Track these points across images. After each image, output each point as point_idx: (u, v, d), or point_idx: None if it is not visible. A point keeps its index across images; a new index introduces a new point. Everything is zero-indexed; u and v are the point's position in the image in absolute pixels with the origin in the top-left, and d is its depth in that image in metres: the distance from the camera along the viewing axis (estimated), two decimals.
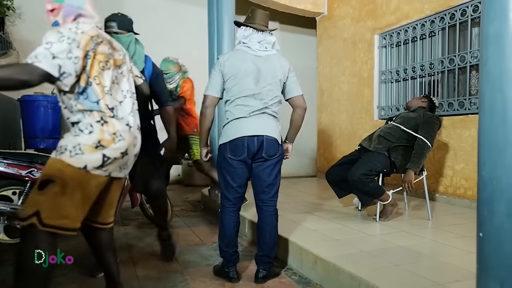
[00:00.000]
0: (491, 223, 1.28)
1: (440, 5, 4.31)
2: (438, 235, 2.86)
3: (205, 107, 2.26)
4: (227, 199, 2.34)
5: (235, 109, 2.24)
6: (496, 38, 1.26)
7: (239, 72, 2.22)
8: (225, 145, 2.23)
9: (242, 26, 2.34)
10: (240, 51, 2.30)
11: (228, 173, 2.28)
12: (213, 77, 2.28)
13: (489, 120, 1.29)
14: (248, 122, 2.22)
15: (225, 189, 2.32)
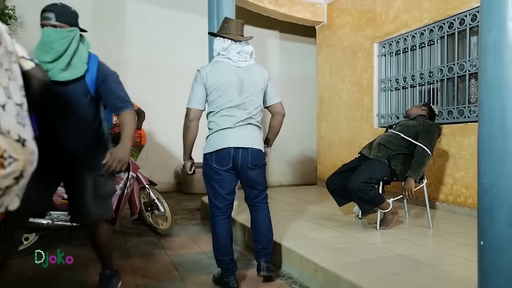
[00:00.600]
0: (492, 231, 1.28)
1: (438, 14, 4.34)
2: (439, 243, 2.84)
3: (189, 121, 2.27)
4: (216, 208, 2.35)
5: (220, 119, 2.27)
6: (494, 47, 1.27)
7: (223, 84, 2.26)
8: (210, 155, 2.27)
9: (218, 37, 2.37)
10: (221, 63, 2.33)
11: (215, 182, 2.30)
12: (196, 90, 2.29)
13: (489, 128, 1.30)
14: (233, 133, 2.26)
15: (214, 198, 2.33)
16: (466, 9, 4.02)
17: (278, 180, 6.97)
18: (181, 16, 6.34)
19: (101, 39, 5.80)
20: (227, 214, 2.37)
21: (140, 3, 6.09)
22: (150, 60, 6.15)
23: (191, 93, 2.30)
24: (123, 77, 6.40)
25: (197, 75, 2.30)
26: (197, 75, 2.30)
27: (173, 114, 6.37)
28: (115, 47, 5.92)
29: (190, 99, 2.29)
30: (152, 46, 6.16)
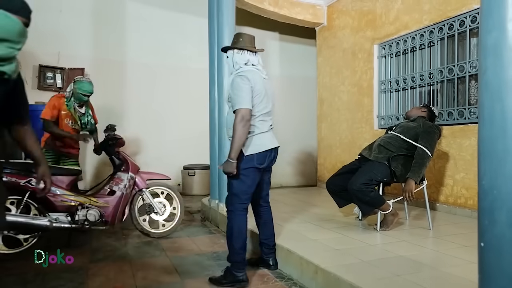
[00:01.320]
0: (492, 232, 1.28)
1: (438, 16, 4.35)
2: (439, 245, 2.84)
3: (247, 120, 2.33)
4: (241, 204, 2.47)
5: (259, 123, 2.45)
6: (494, 48, 1.26)
7: (261, 91, 2.43)
8: (252, 156, 2.41)
9: (238, 50, 2.52)
10: (255, 72, 2.48)
11: (251, 180, 2.46)
12: (248, 91, 2.35)
13: (489, 129, 1.30)
14: (269, 136, 2.52)
15: (242, 194, 2.46)
16: (466, 11, 4.02)
17: (278, 182, 6.96)
18: (181, 17, 6.35)
19: (101, 39, 5.81)
20: (247, 209, 2.52)
21: (140, 4, 6.10)
22: (149, 60, 6.15)
23: (244, 95, 2.34)
24: (123, 78, 6.43)
25: (243, 79, 2.38)
26: (243, 79, 2.38)
27: (172, 114, 6.38)
28: (115, 47, 5.93)
29: (245, 100, 2.33)
30: (152, 47, 6.17)
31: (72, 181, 3.35)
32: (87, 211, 3.23)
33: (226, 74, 4.14)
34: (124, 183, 3.47)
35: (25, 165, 3.07)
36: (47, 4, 5.44)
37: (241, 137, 2.32)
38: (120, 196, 3.42)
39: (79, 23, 5.65)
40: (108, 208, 3.36)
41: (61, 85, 5.40)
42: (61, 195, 3.18)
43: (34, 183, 2.96)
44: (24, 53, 5.22)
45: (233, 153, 2.33)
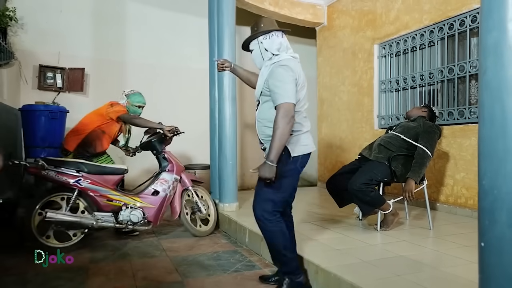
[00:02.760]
0: (493, 232, 1.28)
1: (438, 16, 4.34)
2: (440, 244, 2.84)
3: (292, 117, 2.02)
4: (279, 211, 2.19)
5: (302, 120, 2.18)
6: (494, 48, 1.26)
7: (304, 84, 2.16)
8: (297, 158, 2.14)
9: (274, 33, 2.18)
10: (295, 61, 2.18)
11: (294, 185, 2.22)
12: (293, 84, 2.05)
13: (489, 129, 1.30)
14: (311, 136, 2.26)
15: (281, 201, 2.18)
16: (466, 10, 4.02)
17: None
18: (181, 17, 6.35)
19: (102, 40, 5.81)
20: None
21: (140, 4, 6.09)
22: (150, 61, 6.15)
23: (288, 87, 2.02)
24: (123, 78, 6.45)
25: (287, 69, 2.06)
26: (287, 69, 2.05)
27: (173, 114, 6.38)
28: (115, 47, 5.93)
29: (289, 94, 2.01)
30: (152, 47, 6.16)
31: (117, 180, 3.36)
32: (131, 211, 3.27)
33: (227, 73, 4.15)
34: (168, 184, 3.48)
35: (73, 164, 3.17)
36: (48, 4, 5.44)
37: (284, 136, 1.98)
38: (164, 197, 3.44)
39: (79, 23, 5.65)
40: (151, 209, 3.38)
41: (61, 85, 5.40)
42: (106, 195, 3.22)
43: (82, 183, 3.11)
44: (25, 53, 5.23)
45: (274, 154, 1.98)
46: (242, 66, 2.72)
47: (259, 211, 2.17)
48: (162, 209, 3.44)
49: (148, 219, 3.36)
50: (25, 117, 4.53)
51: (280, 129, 1.97)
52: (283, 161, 2.08)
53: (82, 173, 3.15)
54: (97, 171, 3.24)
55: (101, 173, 3.25)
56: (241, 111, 6.46)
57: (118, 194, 3.29)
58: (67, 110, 4.85)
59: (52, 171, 3.05)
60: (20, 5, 5.18)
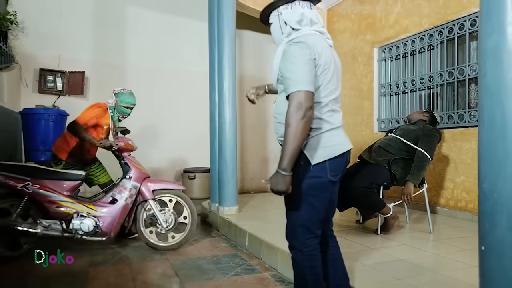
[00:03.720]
0: (493, 236, 1.27)
1: (438, 19, 4.36)
2: (440, 248, 2.83)
3: (309, 108, 1.48)
4: (313, 237, 1.65)
5: (328, 114, 1.63)
6: (494, 52, 1.27)
7: (329, 64, 1.62)
8: (323, 165, 1.59)
9: (290, 4, 1.67)
10: (317, 36, 1.64)
11: (326, 199, 1.65)
12: (309, 66, 1.52)
13: (489, 133, 1.30)
14: (343, 133, 1.71)
15: (313, 224, 1.64)
16: (466, 14, 4.03)
17: None
18: (181, 21, 6.37)
19: (102, 43, 5.82)
20: (319, 245, 1.70)
21: (140, 8, 6.12)
22: (150, 64, 6.17)
23: (302, 70, 1.50)
24: (124, 81, 6.46)
25: (302, 47, 1.54)
26: (302, 46, 1.54)
27: (173, 117, 6.38)
28: (115, 51, 5.94)
29: (304, 79, 1.49)
30: (152, 50, 6.18)
31: (73, 187, 3.15)
32: (81, 220, 3.02)
33: (227, 76, 4.16)
34: (127, 192, 3.19)
35: (24, 168, 3.03)
36: (48, 7, 5.46)
37: (299, 136, 1.48)
38: (121, 206, 3.15)
39: (79, 26, 5.67)
40: (106, 218, 3.10)
41: (61, 89, 5.41)
42: (56, 201, 3.02)
43: (30, 188, 2.95)
44: (25, 56, 5.24)
45: (286, 160, 1.49)
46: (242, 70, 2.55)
47: (289, 240, 1.71)
48: (118, 219, 3.12)
49: (102, 229, 3.07)
50: (25, 120, 4.54)
51: (292, 126, 1.47)
52: (303, 172, 1.59)
53: (31, 178, 2.96)
54: (49, 176, 3.05)
55: (53, 178, 3.05)
56: (241, 114, 6.47)
57: (71, 201, 3.04)
58: (67, 114, 4.86)
59: (1, 175, 2.91)
60: (21, 9, 5.20)
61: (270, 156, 6.94)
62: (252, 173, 6.75)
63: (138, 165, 3.33)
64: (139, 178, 3.25)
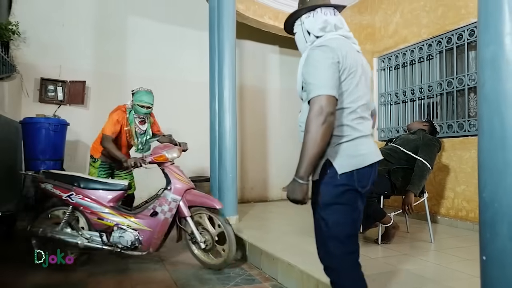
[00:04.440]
0: (494, 246, 1.27)
1: (437, 29, 4.39)
2: (441, 258, 2.82)
3: (330, 114, 1.41)
4: (351, 253, 1.53)
5: (356, 122, 1.54)
6: (492, 62, 1.28)
7: (356, 68, 1.54)
8: (350, 174, 1.50)
9: (312, 12, 1.64)
10: (342, 40, 1.59)
11: (355, 212, 1.54)
12: (332, 69, 1.45)
13: (488, 142, 1.30)
14: (372, 142, 1.63)
15: (346, 235, 1.51)
16: (464, 25, 4.07)
17: (279, 194, 6.93)
18: (181, 30, 6.41)
19: (102, 53, 5.86)
20: (358, 261, 1.56)
21: (140, 18, 6.16)
22: (150, 74, 6.19)
23: (324, 74, 1.44)
24: (124, 91, 6.47)
25: (325, 50, 1.48)
26: (324, 50, 1.48)
27: (173, 127, 6.39)
28: (116, 61, 5.97)
29: (326, 83, 1.42)
30: (152, 60, 6.21)
31: (116, 197, 3.01)
32: (121, 233, 2.90)
33: (227, 86, 4.18)
34: (167, 205, 2.96)
35: (69, 177, 3.01)
36: (50, 18, 5.51)
37: (318, 143, 1.40)
38: (162, 220, 2.94)
39: (81, 36, 5.71)
40: (146, 232, 2.92)
41: (62, 98, 5.43)
42: (97, 212, 2.92)
43: (74, 199, 2.91)
44: (26, 66, 5.27)
45: (304, 168, 1.41)
46: (242, 80, 2.53)
47: (323, 260, 1.56)
48: (158, 233, 2.94)
49: (142, 243, 2.93)
50: (26, 129, 4.55)
51: (311, 132, 1.39)
52: (329, 181, 1.50)
53: (75, 188, 2.94)
54: (91, 186, 2.98)
55: (96, 188, 2.98)
56: (241, 123, 6.48)
57: (112, 212, 2.94)
58: (67, 123, 4.86)
59: (49, 184, 2.94)
60: (23, 19, 5.25)
61: (270, 165, 6.93)
62: (252, 182, 6.74)
63: (179, 176, 3.07)
64: (179, 190, 2.99)
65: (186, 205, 2.99)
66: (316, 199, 1.52)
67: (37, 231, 2.87)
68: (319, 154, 1.42)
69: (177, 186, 2.99)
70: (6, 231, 3.67)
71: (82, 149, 5.68)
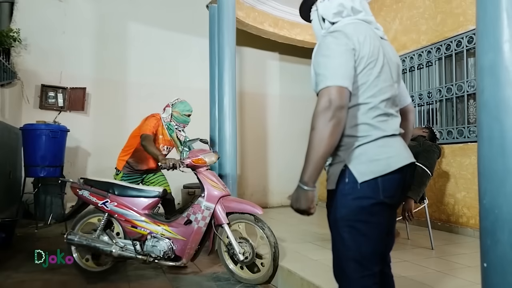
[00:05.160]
0: (495, 253, 1.26)
1: (435, 36, 4.41)
2: (442, 265, 2.80)
3: (340, 108, 1.19)
4: (370, 276, 1.32)
5: (378, 120, 1.30)
6: (491, 69, 1.28)
7: (377, 56, 1.32)
8: (374, 182, 1.26)
9: None
10: (360, 24, 1.37)
11: (377, 228, 1.31)
12: (345, 57, 1.25)
13: (488, 149, 1.30)
14: (399, 143, 1.37)
15: (365, 257, 1.31)
16: (462, 32, 4.09)
17: (279, 201, 6.92)
18: (181, 37, 6.45)
19: (103, 60, 5.89)
20: (377, 284, 1.35)
21: (141, 25, 6.20)
22: (150, 80, 6.21)
23: (335, 63, 1.23)
24: (124, 97, 6.49)
25: (338, 36, 1.27)
26: (338, 36, 1.27)
27: None
28: (116, 67, 6.00)
29: (335, 73, 1.22)
30: (152, 66, 6.24)
31: (150, 205, 2.91)
32: (154, 242, 2.79)
33: (227, 92, 4.19)
34: (200, 213, 2.79)
35: (104, 184, 2.97)
36: (51, 25, 5.54)
37: (325, 141, 1.19)
38: (195, 229, 2.78)
39: (81, 43, 5.74)
40: (180, 241, 2.79)
41: (62, 104, 5.44)
42: (131, 220, 2.83)
43: (108, 206, 2.86)
44: (27, 73, 5.29)
45: (309, 172, 1.22)
46: (242, 87, 2.50)
47: (338, 280, 1.44)
48: (191, 243, 2.78)
49: (176, 253, 2.79)
50: (26, 136, 4.55)
51: (317, 129, 1.20)
52: (348, 192, 1.28)
53: (110, 195, 2.88)
54: (125, 193, 2.90)
55: (130, 195, 2.90)
56: (241, 129, 6.48)
57: (146, 220, 2.83)
58: (67, 129, 4.87)
59: (86, 190, 2.91)
60: (24, 26, 5.28)
61: (270, 172, 6.93)
62: (252, 188, 6.73)
63: (213, 182, 2.87)
64: (213, 197, 2.80)
65: (223, 212, 2.78)
66: (333, 213, 1.32)
67: (74, 239, 2.82)
68: (326, 155, 1.21)
69: (210, 192, 2.81)
70: (5, 238, 3.66)
71: (82, 156, 5.68)
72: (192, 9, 6.25)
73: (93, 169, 5.68)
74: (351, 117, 1.27)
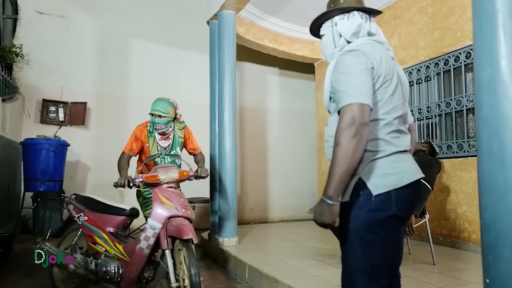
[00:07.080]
0: (497, 268, 1.25)
1: (434, 52, 4.46)
2: (444, 281, 2.77)
3: (363, 125, 1.25)
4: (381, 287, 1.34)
5: (392, 136, 1.37)
6: (489, 84, 1.30)
7: (391, 75, 1.39)
8: (388, 195, 1.31)
9: (346, 14, 1.48)
10: (376, 45, 1.43)
11: (389, 240, 1.36)
12: (365, 76, 1.30)
13: (488, 163, 1.30)
14: (410, 158, 1.44)
15: (376, 270, 1.33)
16: (460, 47, 4.13)
17: (279, 216, 6.88)
18: (182, 53, 6.51)
19: (104, 75, 5.93)
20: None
21: (142, 41, 6.27)
22: (151, 95, 6.20)
23: (355, 82, 1.29)
24: (125, 112, 6.51)
25: (357, 55, 1.34)
26: (357, 55, 1.34)
27: None
28: (117, 82, 6.04)
29: (357, 91, 1.27)
30: (153, 81, 6.28)
31: (118, 223, 2.67)
32: (104, 261, 2.55)
33: (227, 107, 4.21)
34: (143, 232, 2.44)
35: (86, 199, 2.87)
36: (53, 41, 5.61)
37: (350, 157, 1.24)
38: (138, 250, 2.42)
39: (83, 58, 5.80)
40: (126, 263, 2.48)
41: (63, 119, 5.46)
42: (93, 236, 2.67)
43: (81, 220, 2.73)
44: (29, 87, 5.33)
45: (333, 186, 1.26)
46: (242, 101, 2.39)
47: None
48: (132, 267, 2.44)
49: (121, 276, 2.48)
50: (26, 150, 4.55)
51: (341, 146, 1.25)
52: (361, 204, 1.32)
53: (86, 210, 2.74)
54: (97, 209, 2.74)
55: (99, 211, 2.72)
56: (241, 144, 6.49)
57: (106, 238, 2.60)
58: (68, 144, 4.88)
59: (72, 205, 2.84)
60: (26, 42, 5.34)
61: (270, 186, 6.90)
62: (252, 203, 6.70)
63: (166, 200, 2.47)
64: (158, 216, 2.39)
65: (165, 236, 2.37)
66: (345, 224, 1.32)
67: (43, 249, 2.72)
68: (350, 170, 1.26)
69: (156, 210, 2.40)
70: (3, 253, 3.63)
71: (82, 170, 5.67)
72: (193, 25, 6.33)
73: (93, 183, 5.67)
74: (368, 133, 1.31)
